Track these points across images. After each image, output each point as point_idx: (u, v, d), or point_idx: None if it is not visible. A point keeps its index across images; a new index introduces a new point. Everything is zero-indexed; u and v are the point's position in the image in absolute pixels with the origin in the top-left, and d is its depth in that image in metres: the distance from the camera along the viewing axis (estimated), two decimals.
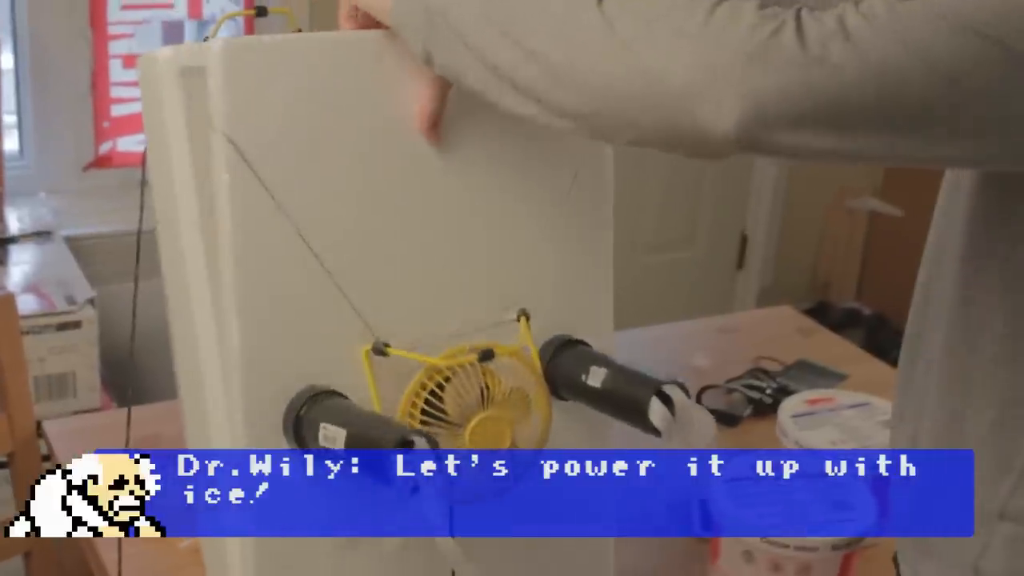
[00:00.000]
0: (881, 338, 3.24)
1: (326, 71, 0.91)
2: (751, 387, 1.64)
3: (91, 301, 2.04)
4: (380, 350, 0.94)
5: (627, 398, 0.97)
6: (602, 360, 1.00)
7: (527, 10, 0.78)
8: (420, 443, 0.84)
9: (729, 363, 1.70)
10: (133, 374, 1.04)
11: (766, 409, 1.59)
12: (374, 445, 0.85)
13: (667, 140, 0.73)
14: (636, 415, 0.96)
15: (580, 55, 0.75)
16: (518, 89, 0.79)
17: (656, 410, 0.94)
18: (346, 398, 0.93)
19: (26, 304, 1.99)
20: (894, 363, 1.79)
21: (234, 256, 0.88)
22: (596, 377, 0.99)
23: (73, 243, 2.28)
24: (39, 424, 1.56)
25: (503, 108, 0.81)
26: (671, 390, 0.95)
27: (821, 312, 3.31)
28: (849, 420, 1.40)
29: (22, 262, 2.19)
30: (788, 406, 1.43)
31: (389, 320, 0.95)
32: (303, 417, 0.91)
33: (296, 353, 0.93)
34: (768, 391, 1.63)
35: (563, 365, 1.02)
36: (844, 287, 3.54)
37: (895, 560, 0.98)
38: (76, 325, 2.01)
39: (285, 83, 0.89)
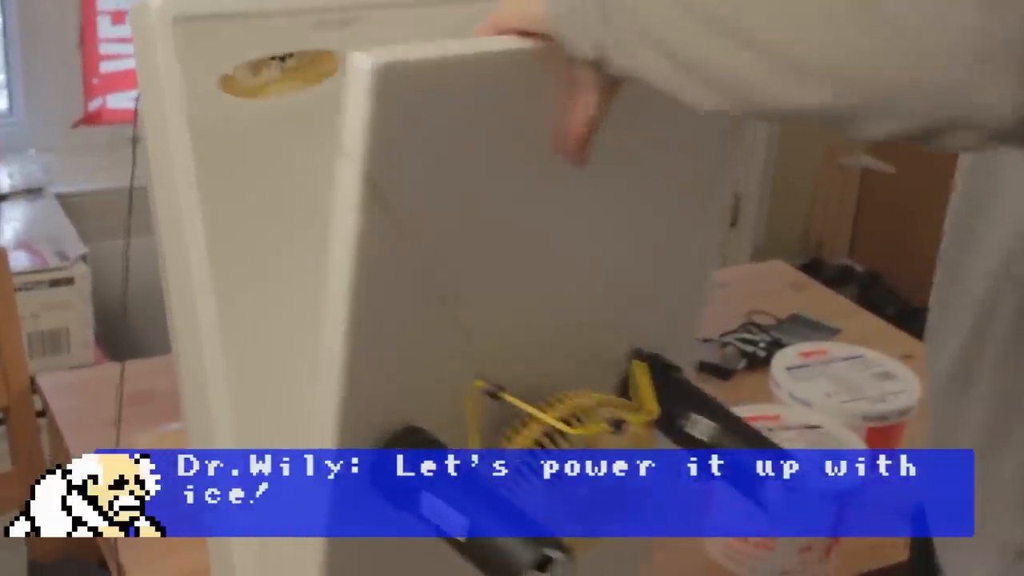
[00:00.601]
0: (873, 295, 3.25)
1: (484, 95, 0.77)
2: (745, 340, 1.65)
3: (83, 257, 2.04)
4: (493, 393, 0.85)
5: (739, 466, 0.90)
6: (705, 405, 0.94)
7: None
8: (558, 558, 0.75)
9: (722, 317, 1.71)
10: (125, 330, 1.03)
11: (760, 362, 1.59)
12: (505, 557, 0.76)
13: (929, 129, 0.61)
14: (744, 484, 0.90)
15: (827, 36, 0.62)
16: (728, 86, 0.67)
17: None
18: (446, 448, 0.84)
19: (18, 261, 1.99)
20: (887, 318, 1.81)
21: (350, 295, 0.76)
22: (700, 428, 0.91)
23: (64, 200, 2.28)
24: (33, 379, 1.57)
25: (703, 109, 0.70)
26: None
27: (814, 269, 3.31)
28: (842, 372, 1.41)
29: (13, 219, 2.18)
30: (782, 359, 1.43)
31: (499, 358, 0.87)
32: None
33: (397, 392, 0.83)
34: (762, 344, 1.63)
35: (659, 397, 0.94)
36: (837, 244, 3.54)
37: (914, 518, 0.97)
38: (69, 281, 2.01)
39: (437, 111, 0.74)
